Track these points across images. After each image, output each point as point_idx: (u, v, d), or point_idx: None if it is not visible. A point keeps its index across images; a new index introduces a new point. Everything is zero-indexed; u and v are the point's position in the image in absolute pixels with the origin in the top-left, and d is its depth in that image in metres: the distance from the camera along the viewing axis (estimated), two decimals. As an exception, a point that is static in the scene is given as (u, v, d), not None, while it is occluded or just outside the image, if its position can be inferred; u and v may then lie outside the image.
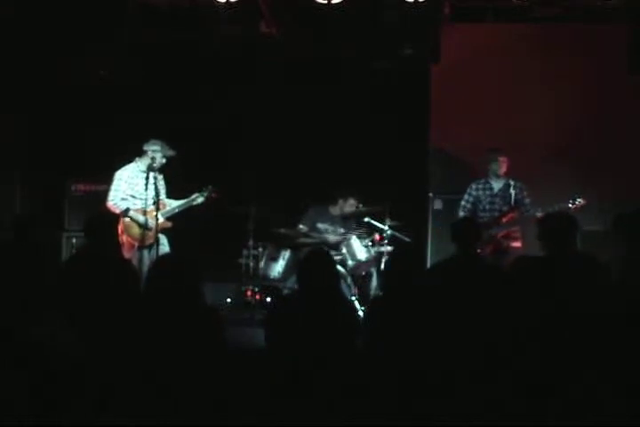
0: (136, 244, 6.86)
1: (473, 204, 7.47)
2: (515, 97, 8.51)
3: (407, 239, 7.76)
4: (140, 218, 6.88)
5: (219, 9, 7.88)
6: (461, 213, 7.49)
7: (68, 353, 4.05)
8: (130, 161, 7.07)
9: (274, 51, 8.70)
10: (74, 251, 7.96)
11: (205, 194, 7.08)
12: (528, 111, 8.44)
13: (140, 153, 7.03)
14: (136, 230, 6.88)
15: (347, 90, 8.78)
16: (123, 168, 7.04)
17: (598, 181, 8.19)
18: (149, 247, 6.85)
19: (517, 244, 7.18)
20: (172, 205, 7.09)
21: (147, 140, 7.03)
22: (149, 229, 6.83)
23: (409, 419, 3.90)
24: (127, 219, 6.86)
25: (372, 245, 7.69)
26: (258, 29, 8.48)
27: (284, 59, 8.80)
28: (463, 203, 7.53)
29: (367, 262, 7.63)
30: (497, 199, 7.39)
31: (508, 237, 7.12)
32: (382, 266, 7.28)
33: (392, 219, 7.70)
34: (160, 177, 7.08)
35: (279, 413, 3.95)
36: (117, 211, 6.88)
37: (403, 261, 4.55)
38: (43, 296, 4.55)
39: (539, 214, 7.02)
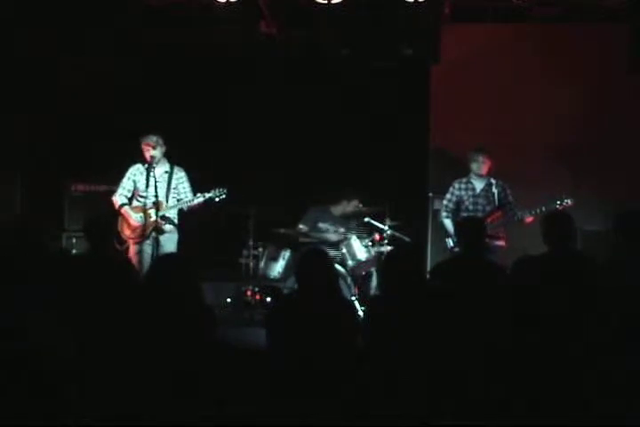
0: (129, 240, 6.88)
1: (456, 203, 7.45)
2: (515, 97, 8.51)
3: (407, 239, 7.76)
4: (131, 215, 6.90)
5: (219, 9, 7.88)
6: (443, 214, 7.48)
7: (66, 354, 4.05)
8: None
9: (274, 51, 8.71)
10: (74, 251, 7.97)
11: (209, 195, 6.96)
12: (528, 111, 8.44)
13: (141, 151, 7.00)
14: (125, 227, 6.90)
15: (347, 90, 8.79)
16: (133, 165, 7.04)
17: (598, 180, 8.20)
18: (140, 244, 6.84)
19: (501, 242, 7.18)
20: (172, 204, 7.02)
21: (141, 138, 6.96)
22: (137, 227, 6.85)
23: (409, 418, 3.90)
24: (121, 215, 6.88)
25: (372, 245, 7.69)
26: (258, 29, 8.48)
27: (284, 59, 8.80)
28: (445, 202, 7.50)
29: (367, 262, 7.63)
30: (480, 199, 7.35)
31: (492, 237, 7.09)
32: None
33: (392, 219, 7.70)
34: (180, 175, 7.05)
35: (279, 413, 3.95)
36: (116, 205, 6.97)
37: (400, 260, 4.54)
38: (42, 296, 4.54)
39: (527, 217, 7.03)
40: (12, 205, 8.36)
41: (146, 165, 6.87)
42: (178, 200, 6.99)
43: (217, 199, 6.93)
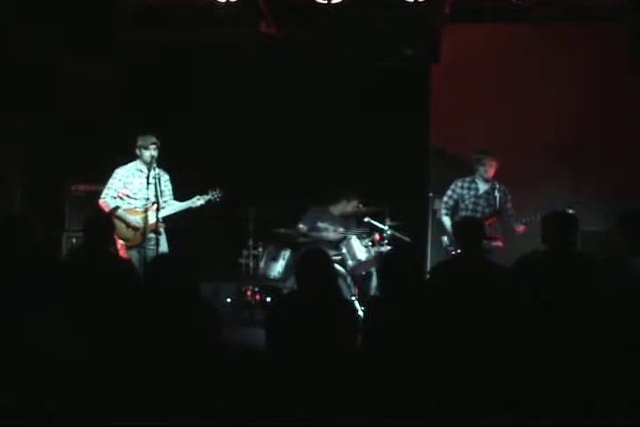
0: (124, 243, 6.84)
1: (455, 201, 7.47)
2: (515, 97, 8.51)
3: (407, 239, 7.77)
4: (129, 218, 6.86)
5: (219, 9, 7.87)
6: (443, 211, 7.49)
7: (67, 353, 4.05)
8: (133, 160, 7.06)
9: (274, 51, 8.70)
10: (73, 251, 7.96)
11: (208, 197, 7.01)
12: (528, 111, 8.44)
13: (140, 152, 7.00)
14: (123, 230, 6.84)
15: (347, 90, 8.78)
16: (122, 166, 7.02)
17: (598, 180, 8.21)
18: (138, 248, 6.82)
19: (499, 243, 7.20)
20: (170, 206, 7.02)
21: (138, 139, 6.96)
22: (137, 230, 6.82)
23: (410, 418, 3.90)
24: (116, 218, 6.78)
25: (372, 245, 7.69)
26: (258, 29, 8.48)
27: (284, 59, 8.80)
28: (445, 199, 7.51)
29: (367, 262, 7.64)
30: (481, 200, 7.37)
31: (490, 237, 7.07)
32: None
33: (392, 219, 7.71)
34: (166, 177, 7.05)
35: (279, 413, 3.95)
36: (107, 209, 6.87)
37: (399, 260, 4.54)
38: (42, 296, 4.55)
39: (519, 227, 7.08)
40: (12, 205, 8.36)
41: (141, 166, 6.90)
42: (164, 202, 6.96)
43: (213, 199, 6.98)
